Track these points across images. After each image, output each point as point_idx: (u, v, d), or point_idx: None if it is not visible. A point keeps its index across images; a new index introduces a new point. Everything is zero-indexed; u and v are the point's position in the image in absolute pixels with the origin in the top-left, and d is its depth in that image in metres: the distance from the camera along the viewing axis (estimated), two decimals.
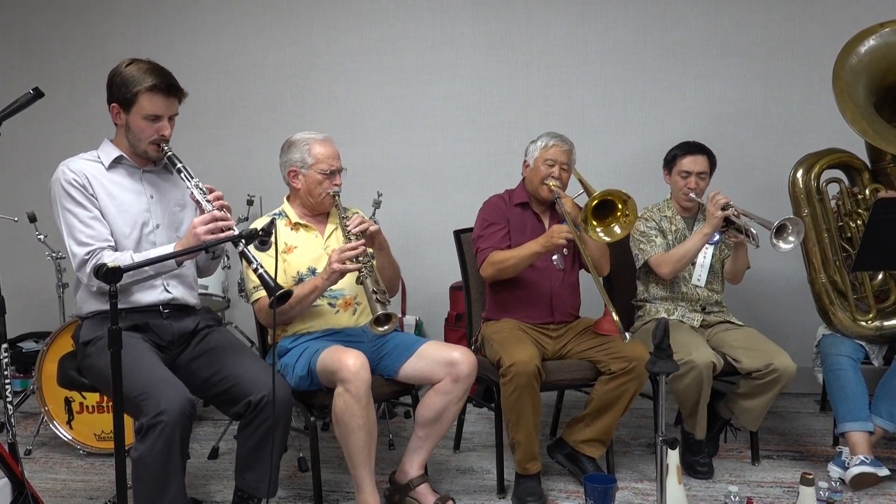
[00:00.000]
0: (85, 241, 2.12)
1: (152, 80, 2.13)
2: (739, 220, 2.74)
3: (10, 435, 2.10)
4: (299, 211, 2.60)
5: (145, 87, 2.12)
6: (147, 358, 2.09)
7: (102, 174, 2.21)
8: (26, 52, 4.16)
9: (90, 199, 2.15)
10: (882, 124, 2.76)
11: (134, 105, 2.14)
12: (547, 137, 2.82)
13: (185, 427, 1.96)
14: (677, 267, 2.88)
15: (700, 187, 2.95)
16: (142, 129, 2.17)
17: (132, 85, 2.13)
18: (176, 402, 1.94)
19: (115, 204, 2.19)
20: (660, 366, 2.02)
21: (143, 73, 2.14)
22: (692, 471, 2.77)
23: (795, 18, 3.64)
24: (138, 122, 2.16)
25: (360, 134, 3.94)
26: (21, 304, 3.55)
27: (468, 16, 3.87)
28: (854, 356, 2.79)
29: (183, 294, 2.30)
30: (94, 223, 2.14)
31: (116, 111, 2.19)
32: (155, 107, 2.15)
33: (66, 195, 2.13)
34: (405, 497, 2.54)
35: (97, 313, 2.21)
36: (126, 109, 2.17)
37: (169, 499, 1.96)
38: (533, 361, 2.47)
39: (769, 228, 2.60)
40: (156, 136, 2.18)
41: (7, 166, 4.19)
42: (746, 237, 2.73)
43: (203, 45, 4.04)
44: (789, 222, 2.61)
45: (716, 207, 2.76)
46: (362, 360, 2.27)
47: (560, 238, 2.58)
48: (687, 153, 2.96)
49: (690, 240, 2.88)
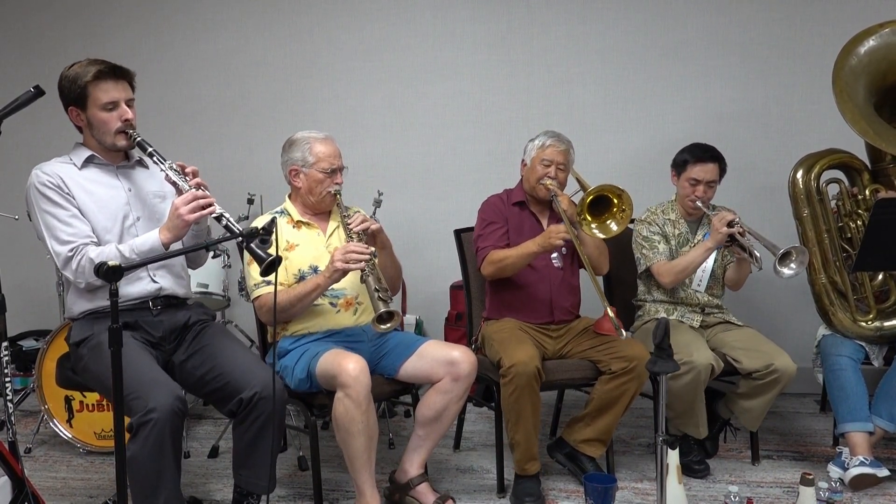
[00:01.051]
0: (66, 239, 2.11)
1: (95, 68, 2.13)
2: (744, 239, 2.72)
3: (11, 433, 2.10)
4: (301, 209, 2.60)
5: (91, 78, 2.12)
6: (137, 357, 2.08)
7: (76, 173, 2.20)
8: (27, 51, 4.16)
9: (67, 198, 2.14)
10: (882, 125, 2.76)
11: (88, 99, 2.14)
12: (544, 137, 2.81)
13: (175, 425, 1.95)
14: (679, 278, 2.88)
15: (707, 196, 2.93)
16: (104, 122, 2.17)
17: (78, 80, 2.13)
18: (165, 399, 1.93)
19: (94, 200, 2.18)
20: (660, 365, 2.02)
21: (84, 67, 2.15)
22: (688, 471, 2.76)
23: (796, 18, 3.64)
24: (98, 114, 2.16)
25: (360, 133, 3.94)
26: (21, 303, 3.56)
27: (469, 15, 3.87)
28: (854, 356, 2.79)
29: (171, 284, 2.29)
30: (74, 221, 2.13)
31: (76, 113, 2.20)
32: (107, 94, 2.14)
33: (42, 197, 2.13)
34: (405, 496, 2.54)
35: (88, 313, 2.20)
36: (83, 107, 2.17)
37: (164, 497, 1.96)
38: (533, 362, 2.47)
39: (774, 254, 2.57)
40: (120, 124, 2.17)
41: (7, 164, 4.19)
42: (749, 257, 2.72)
43: (204, 44, 4.04)
44: (794, 251, 2.57)
45: (721, 223, 2.73)
46: (362, 365, 2.27)
47: (557, 239, 2.58)
48: (698, 161, 2.91)
49: (693, 252, 2.86)
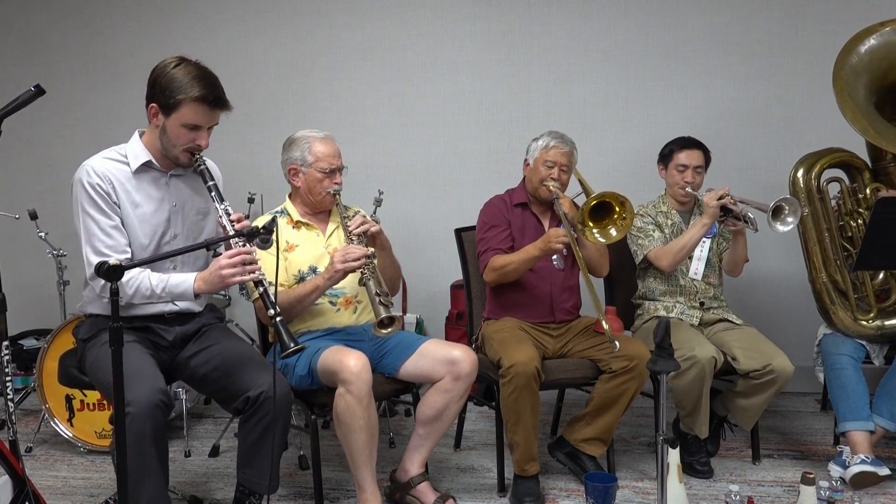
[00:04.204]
0: (103, 250, 2.07)
1: (200, 91, 2.04)
2: (737, 207, 2.76)
3: (11, 432, 2.09)
4: (301, 209, 2.60)
5: (191, 97, 2.03)
6: (128, 353, 2.05)
7: (128, 179, 2.13)
8: (27, 50, 4.16)
9: (113, 207, 2.09)
10: (883, 123, 2.76)
11: (175, 111, 2.06)
12: (548, 137, 2.81)
13: (156, 419, 1.91)
14: (677, 258, 2.88)
15: (696, 181, 2.97)
16: (178, 136, 2.10)
17: (178, 91, 2.04)
18: (142, 393, 1.89)
19: (137, 214, 2.14)
20: (661, 365, 2.02)
21: (191, 79, 2.04)
22: (692, 471, 2.77)
23: (797, 17, 3.64)
24: (176, 128, 2.08)
25: (361, 132, 3.94)
26: (22, 302, 3.56)
27: (469, 14, 3.87)
28: (855, 355, 2.79)
29: (188, 305, 2.27)
30: (114, 232, 2.09)
31: (154, 111, 2.10)
32: (197, 117, 2.07)
33: (88, 199, 2.07)
34: (406, 495, 2.54)
35: (101, 315, 2.20)
36: (166, 113, 2.08)
37: (147, 496, 1.92)
38: (532, 363, 2.46)
39: (765, 211, 2.61)
40: (191, 145, 2.12)
41: (8, 164, 4.19)
42: (745, 223, 2.75)
43: (204, 43, 4.03)
44: (785, 203, 2.62)
45: (712, 198, 2.78)
46: (363, 361, 2.27)
47: (557, 243, 2.58)
48: (683, 147, 2.98)
49: (689, 231, 2.88)
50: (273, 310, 2.02)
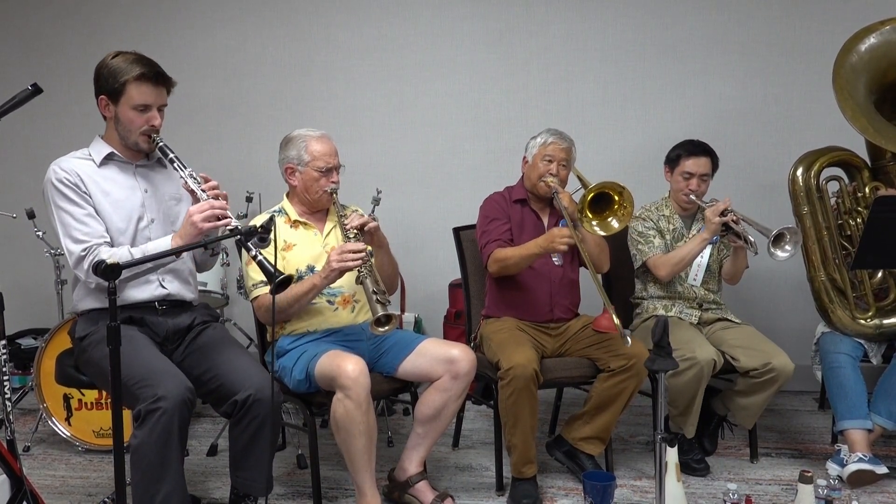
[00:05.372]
0: (81, 238, 2.11)
1: (140, 69, 2.12)
2: (738, 227, 2.73)
3: (9, 431, 2.09)
4: (298, 208, 2.59)
5: (133, 77, 2.11)
6: (145, 348, 2.09)
7: (94, 171, 2.20)
8: (25, 49, 4.15)
9: (83, 197, 2.14)
10: (882, 122, 2.76)
11: (122, 95, 2.14)
12: (547, 134, 2.81)
13: (183, 415, 1.95)
14: (675, 270, 2.88)
15: (701, 190, 2.94)
16: (131, 120, 2.16)
17: (119, 75, 2.12)
18: (174, 389, 1.94)
19: (110, 201, 2.18)
20: (659, 363, 2.02)
21: (129, 63, 2.13)
22: (688, 469, 2.76)
23: (795, 15, 3.64)
24: (127, 112, 2.15)
25: (359, 131, 3.93)
26: (19, 301, 3.55)
27: (467, 13, 3.86)
28: (853, 354, 2.79)
29: (179, 289, 2.29)
30: (89, 220, 2.13)
31: (105, 103, 2.18)
32: (143, 96, 2.14)
33: (59, 194, 2.13)
34: (404, 494, 2.54)
35: (94, 310, 2.21)
36: (114, 101, 2.16)
37: (167, 489, 1.94)
38: (531, 365, 2.46)
39: (767, 237, 2.59)
40: (146, 127, 2.17)
41: (5, 162, 4.19)
42: (745, 244, 2.73)
43: (202, 42, 4.03)
44: (787, 231, 2.61)
45: (714, 213, 2.75)
46: (361, 366, 2.26)
47: (560, 244, 2.54)
48: (691, 154, 2.93)
49: (689, 244, 2.87)
50: (253, 250, 1.95)
